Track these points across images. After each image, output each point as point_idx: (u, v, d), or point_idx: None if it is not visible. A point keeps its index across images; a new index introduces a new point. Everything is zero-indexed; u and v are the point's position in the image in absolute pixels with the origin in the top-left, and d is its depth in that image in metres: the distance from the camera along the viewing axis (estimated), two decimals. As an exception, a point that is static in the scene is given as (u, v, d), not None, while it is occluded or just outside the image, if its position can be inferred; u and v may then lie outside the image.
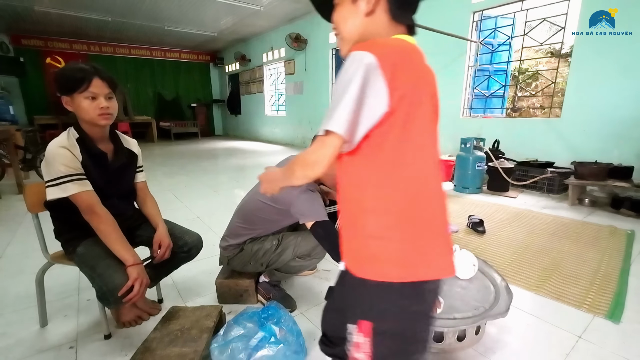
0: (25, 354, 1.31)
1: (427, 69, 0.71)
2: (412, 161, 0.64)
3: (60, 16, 7.00)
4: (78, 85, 1.18)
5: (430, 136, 0.69)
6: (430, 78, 0.71)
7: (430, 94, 0.69)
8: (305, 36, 7.59)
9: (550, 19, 4.09)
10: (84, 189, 1.20)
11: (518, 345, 1.34)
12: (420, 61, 0.69)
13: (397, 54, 0.64)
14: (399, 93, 0.61)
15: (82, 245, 1.25)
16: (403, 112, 0.62)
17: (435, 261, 0.65)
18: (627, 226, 2.67)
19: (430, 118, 0.69)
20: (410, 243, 0.63)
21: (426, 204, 0.65)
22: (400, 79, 0.61)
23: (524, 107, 6.16)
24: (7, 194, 3.82)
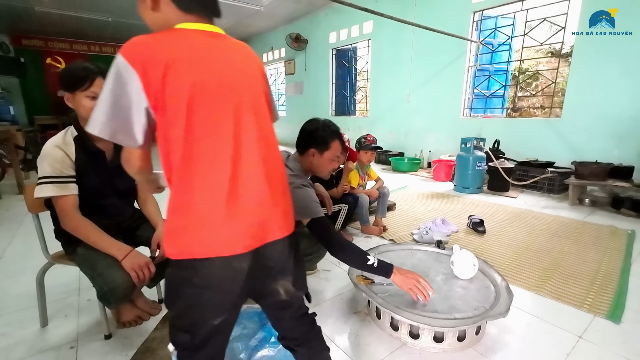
0: (26, 354, 1.31)
1: (220, 57, 0.71)
2: (192, 150, 0.66)
3: (61, 16, 7.01)
4: (80, 83, 1.18)
5: (220, 125, 0.68)
6: (223, 67, 0.71)
7: (225, 84, 0.69)
8: (306, 36, 7.59)
9: (550, 19, 4.09)
10: (61, 193, 1.19)
11: (518, 345, 1.34)
12: (206, 50, 0.69)
13: (155, 49, 0.65)
14: (163, 92, 0.63)
15: (83, 245, 1.25)
16: (181, 110, 0.64)
17: (205, 241, 0.68)
18: (628, 226, 2.67)
19: (223, 108, 0.69)
20: (184, 228, 0.67)
21: (204, 190, 0.67)
22: (157, 74, 0.62)
23: (524, 107, 6.16)
24: (8, 194, 3.83)
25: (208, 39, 0.71)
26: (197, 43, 0.69)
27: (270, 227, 0.74)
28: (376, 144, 2.63)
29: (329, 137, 1.40)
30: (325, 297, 1.70)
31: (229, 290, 0.72)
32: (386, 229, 2.62)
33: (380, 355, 1.28)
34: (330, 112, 7.52)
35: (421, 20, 4.30)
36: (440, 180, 4.51)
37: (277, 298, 0.83)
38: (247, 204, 0.70)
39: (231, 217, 0.68)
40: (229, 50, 0.74)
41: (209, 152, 0.67)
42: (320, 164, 1.43)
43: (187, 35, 0.69)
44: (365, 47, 6.50)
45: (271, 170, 0.76)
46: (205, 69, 0.67)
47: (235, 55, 0.75)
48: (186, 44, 0.68)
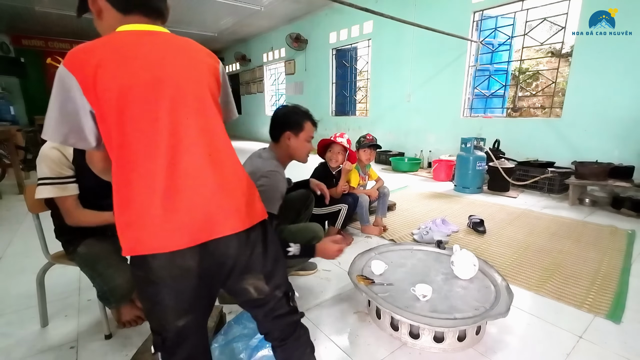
0: (26, 354, 1.31)
1: (153, 54, 0.70)
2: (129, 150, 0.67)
3: (61, 16, 7.01)
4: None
5: (154, 120, 0.68)
6: (155, 63, 0.70)
7: (159, 80, 0.69)
8: (306, 36, 7.59)
9: (550, 19, 4.09)
10: (61, 194, 1.20)
11: (519, 345, 1.34)
12: (136, 49, 0.69)
13: (87, 54, 0.67)
14: (95, 93, 0.65)
15: (83, 245, 1.26)
16: (112, 108, 0.66)
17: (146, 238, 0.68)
18: (628, 226, 2.67)
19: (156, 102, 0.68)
20: (127, 224, 0.69)
21: (142, 187, 0.67)
22: (92, 78, 0.64)
23: (524, 107, 6.15)
24: (8, 194, 3.83)
25: (140, 38, 0.71)
26: (126, 42, 0.70)
27: (218, 221, 0.71)
28: (374, 142, 2.62)
29: (301, 119, 1.47)
30: (326, 297, 1.70)
31: (181, 288, 0.71)
32: (386, 229, 2.62)
33: (380, 355, 1.28)
34: (330, 112, 7.52)
35: (421, 20, 4.30)
36: (440, 180, 4.51)
37: (247, 297, 0.81)
38: (188, 198, 0.69)
39: (171, 212, 0.67)
40: (164, 47, 0.73)
41: (143, 148, 0.67)
42: (297, 146, 1.47)
43: (118, 37, 0.70)
44: (365, 47, 6.50)
45: (218, 163, 0.74)
46: (134, 67, 0.67)
47: (172, 52, 0.74)
48: (115, 45, 0.69)
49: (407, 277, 1.58)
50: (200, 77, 0.75)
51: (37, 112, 8.72)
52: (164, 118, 0.68)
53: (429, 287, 1.43)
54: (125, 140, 0.67)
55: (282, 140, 1.47)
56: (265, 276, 0.81)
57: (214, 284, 0.77)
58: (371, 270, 1.63)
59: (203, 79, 0.76)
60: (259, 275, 0.80)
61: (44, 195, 1.18)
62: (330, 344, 1.36)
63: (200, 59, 0.78)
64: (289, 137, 1.46)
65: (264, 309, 0.84)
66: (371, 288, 1.47)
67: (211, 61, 0.81)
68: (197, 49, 0.80)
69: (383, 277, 1.58)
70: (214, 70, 0.80)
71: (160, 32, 0.75)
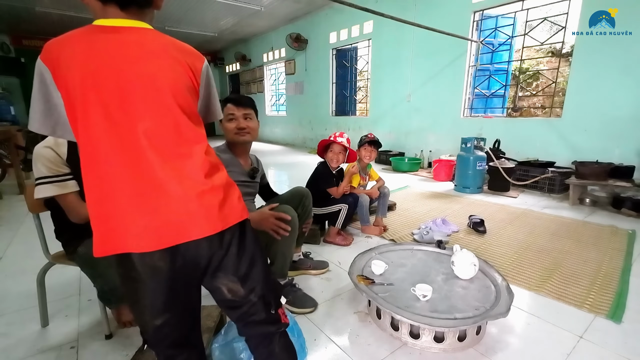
0: (27, 354, 1.31)
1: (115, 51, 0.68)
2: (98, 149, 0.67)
3: (61, 17, 7.01)
4: None
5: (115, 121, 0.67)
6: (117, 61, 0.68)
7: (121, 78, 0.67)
8: (306, 36, 7.59)
9: (551, 19, 4.09)
10: (61, 191, 1.19)
11: (519, 345, 1.34)
12: (107, 49, 0.68)
13: (59, 47, 0.67)
14: (64, 87, 0.66)
15: (83, 245, 1.25)
16: (77, 105, 0.66)
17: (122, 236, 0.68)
18: (628, 226, 2.67)
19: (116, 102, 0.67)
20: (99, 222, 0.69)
21: (110, 187, 0.68)
22: (61, 72, 0.65)
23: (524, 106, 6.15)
24: (8, 194, 3.83)
25: (108, 34, 0.69)
26: (95, 38, 0.68)
27: (185, 225, 0.70)
28: (374, 139, 2.61)
29: (222, 103, 1.52)
30: (326, 297, 1.70)
31: (154, 287, 0.71)
32: (387, 229, 2.62)
33: (380, 355, 1.28)
34: (330, 112, 7.52)
35: (421, 20, 4.30)
36: (440, 180, 4.51)
37: (221, 297, 0.79)
38: (153, 201, 0.68)
39: (138, 213, 0.67)
40: (132, 46, 0.70)
41: (105, 149, 0.67)
42: (224, 127, 1.57)
43: (90, 30, 0.69)
44: (365, 47, 6.50)
45: (184, 166, 0.71)
46: (96, 64, 0.67)
47: (138, 50, 0.70)
48: (84, 39, 0.68)
49: (408, 277, 1.58)
50: (165, 77, 0.72)
51: (38, 112, 8.74)
52: (121, 120, 0.67)
53: (429, 287, 1.43)
54: (89, 139, 0.67)
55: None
56: (240, 278, 0.79)
57: (190, 283, 0.77)
58: (371, 270, 1.63)
59: (169, 78, 0.72)
60: (232, 277, 0.78)
61: (43, 194, 1.17)
62: (331, 344, 1.36)
63: (174, 58, 0.74)
64: (221, 122, 1.54)
65: (238, 312, 0.82)
66: (371, 288, 1.47)
67: (189, 60, 0.77)
68: (171, 48, 0.75)
69: (383, 277, 1.58)
70: (191, 69, 0.77)
71: (134, 29, 0.71)
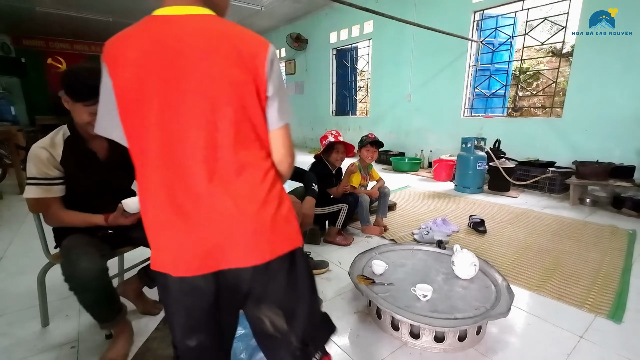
0: (27, 354, 1.32)
1: (169, 48, 0.60)
2: (145, 157, 0.63)
3: (62, 17, 7.01)
4: (85, 98, 1.13)
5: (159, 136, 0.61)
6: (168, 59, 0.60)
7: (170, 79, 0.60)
8: (306, 36, 7.59)
9: (551, 19, 4.09)
10: (45, 195, 1.19)
11: (519, 345, 1.34)
12: (160, 45, 0.60)
13: (116, 45, 0.62)
14: (118, 88, 0.61)
15: (68, 238, 1.25)
16: (130, 107, 0.61)
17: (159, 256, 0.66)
18: (629, 226, 2.67)
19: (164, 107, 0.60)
20: (148, 234, 0.66)
21: (153, 200, 0.64)
22: (117, 73, 0.61)
23: (525, 106, 6.15)
24: (9, 194, 3.83)
25: (164, 26, 0.61)
26: (150, 33, 0.62)
27: (228, 252, 0.62)
28: (376, 139, 2.59)
29: None
30: (326, 297, 1.70)
31: (191, 307, 0.66)
32: (387, 229, 2.62)
33: (381, 355, 1.28)
34: (330, 112, 7.52)
35: (422, 20, 4.30)
36: (440, 180, 4.51)
37: (262, 327, 0.72)
38: (194, 220, 0.62)
39: (177, 232, 0.62)
40: (187, 40, 0.60)
41: (151, 159, 0.62)
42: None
43: (147, 24, 0.63)
44: (365, 47, 6.50)
45: (227, 185, 0.62)
46: (149, 65, 0.60)
47: (195, 45, 0.60)
48: (140, 35, 0.62)
49: (408, 277, 1.58)
50: (223, 79, 0.61)
51: (38, 112, 8.73)
52: (170, 129, 0.61)
53: (430, 287, 1.43)
54: (139, 147, 0.63)
55: None
56: (285, 313, 0.70)
57: (228, 306, 0.70)
58: (372, 270, 1.63)
59: (226, 80, 0.61)
60: (277, 309, 0.69)
61: (29, 195, 1.18)
62: (331, 343, 1.36)
63: (234, 52, 0.61)
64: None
65: (272, 346, 0.74)
66: (372, 288, 1.47)
67: (253, 50, 0.63)
68: (232, 38, 0.63)
69: (383, 277, 1.58)
70: (255, 66, 0.63)
71: (189, 17, 0.62)
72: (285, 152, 0.71)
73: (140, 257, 1.59)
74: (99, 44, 9.70)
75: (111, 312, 1.23)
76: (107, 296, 1.18)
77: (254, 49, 0.64)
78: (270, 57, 0.65)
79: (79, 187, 1.26)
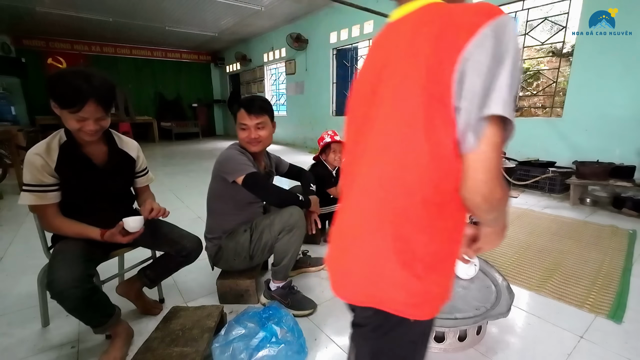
0: (27, 354, 1.32)
1: (380, 52, 0.61)
2: (343, 167, 0.66)
3: (62, 17, 7.02)
4: (68, 105, 1.12)
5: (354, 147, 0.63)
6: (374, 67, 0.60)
7: (371, 91, 0.60)
8: (306, 36, 7.59)
9: (551, 18, 4.08)
10: (40, 202, 1.19)
11: (519, 345, 1.34)
12: (372, 52, 0.63)
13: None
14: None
15: (60, 242, 1.25)
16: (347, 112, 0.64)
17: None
18: (629, 226, 2.67)
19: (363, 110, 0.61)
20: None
21: (339, 210, 0.66)
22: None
23: (525, 106, 6.14)
24: (9, 194, 3.84)
25: (386, 32, 0.61)
26: (375, 41, 0.63)
27: (336, 279, 0.65)
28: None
29: (236, 109, 1.58)
30: (326, 296, 1.70)
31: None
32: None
33: (381, 355, 1.28)
34: (331, 112, 7.52)
35: (422, 20, 4.28)
36: (441, 180, 4.50)
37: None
38: (340, 239, 0.65)
39: (334, 253, 0.66)
40: (393, 39, 0.57)
41: (344, 170, 0.66)
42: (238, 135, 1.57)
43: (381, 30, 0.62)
44: (366, 47, 6.50)
45: (367, 200, 0.58)
46: (361, 73, 0.62)
47: (397, 41, 0.55)
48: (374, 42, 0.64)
49: (408, 277, 1.58)
50: (406, 71, 0.52)
51: (38, 112, 8.74)
52: (355, 148, 0.61)
53: (430, 287, 1.42)
54: (345, 156, 0.66)
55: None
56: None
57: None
58: (372, 270, 1.62)
59: (420, 78, 0.50)
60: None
61: (25, 202, 1.18)
62: (331, 343, 1.35)
63: (442, 39, 0.49)
64: (236, 123, 1.59)
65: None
66: (372, 288, 1.47)
67: (463, 33, 0.47)
68: (443, 24, 0.50)
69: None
70: (452, 50, 0.47)
71: (402, 20, 0.57)
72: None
73: (140, 257, 1.59)
74: (99, 44, 9.72)
75: (100, 317, 1.20)
76: (90, 303, 1.14)
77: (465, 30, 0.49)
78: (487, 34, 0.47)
79: (74, 193, 1.25)
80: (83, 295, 1.10)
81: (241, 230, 1.57)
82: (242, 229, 1.57)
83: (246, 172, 1.46)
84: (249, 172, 1.46)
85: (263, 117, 1.54)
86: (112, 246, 1.39)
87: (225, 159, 1.53)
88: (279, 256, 1.54)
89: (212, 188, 1.63)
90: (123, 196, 1.45)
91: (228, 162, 1.52)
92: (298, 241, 1.53)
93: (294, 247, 1.53)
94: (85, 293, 1.10)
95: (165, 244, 1.46)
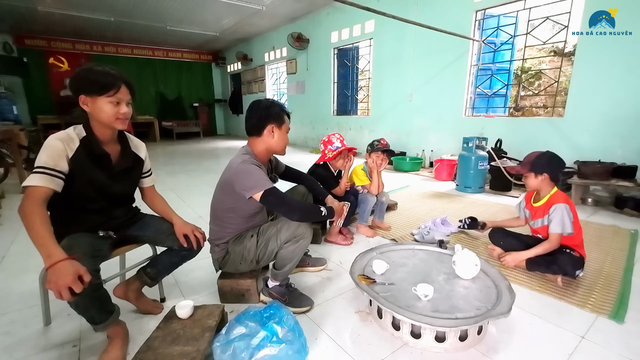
0: (29, 353, 1.32)
1: None
2: None
3: (63, 16, 7.04)
4: (106, 89, 1.19)
5: None
6: None
7: None
8: (307, 35, 7.59)
9: (553, 18, 4.07)
10: (46, 184, 1.14)
11: (520, 345, 1.34)
12: None
13: None
14: None
15: (67, 238, 1.24)
16: None
17: None
18: (631, 226, 2.66)
19: None
20: None
21: None
22: None
23: (526, 106, 6.13)
24: (11, 194, 3.85)
25: None
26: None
27: None
28: (388, 148, 2.50)
29: (282, 112, 1.57)
30: (327, 296, 1.70)
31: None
32: (389, 229, 2.61)
33: (381, 355, 1.28)
34: (332, 112, 7.52)
35: (423, 19, 4.29)
36: (442, 180, 4.50)
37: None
38: None
39: None
40: None
41: None
42: (279, 138, 1.56)
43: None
44: (367, 47, 6.49)
45: None
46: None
47: None
48: None
49: (409, 277, 1.58)
50: None
51: (40, 111, 8.77)
52: None
53: (431, 286, 1.42)
54: None
55: (266, 134, 1.54)
56: None
57: None
58: (372, 270, 1.62)
59: None
60: None
61: (31, 182, 1.12)
62: (332, 343, 1.36)
63: None
64: (273, 129, 1.53)
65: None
66: (372, 287, 1.47)
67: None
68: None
69: (384, 277, 1.58)
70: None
71: None
72: None
73: (140, 257, 1.59)
74: (101, 43, 9.75)
75: (102, 313, 1.21)
76: (95, 298, 1.15)
77: None
78: None
79: (80, 187, 1.26)
80: (90, 289, 1.10)
81: (248, 235, 1.57)
82: (249, 234, 1.57)
83: (265, 187, 1.42)
84: (267, 187, 1.42)
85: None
86: (121, 241, 1.42)
87: (245, 174, 1.44)
88: (282, 262, 1.56)
89: (222, 200, 1.57)
90: (125, 198, 1.46)
91: (248, 178, 1.44)
92: (302, 250, 1.55)
93: (298, 255, 1.55)
94: (91, 287, 1.10)
95: (169, 239, 1.47)
